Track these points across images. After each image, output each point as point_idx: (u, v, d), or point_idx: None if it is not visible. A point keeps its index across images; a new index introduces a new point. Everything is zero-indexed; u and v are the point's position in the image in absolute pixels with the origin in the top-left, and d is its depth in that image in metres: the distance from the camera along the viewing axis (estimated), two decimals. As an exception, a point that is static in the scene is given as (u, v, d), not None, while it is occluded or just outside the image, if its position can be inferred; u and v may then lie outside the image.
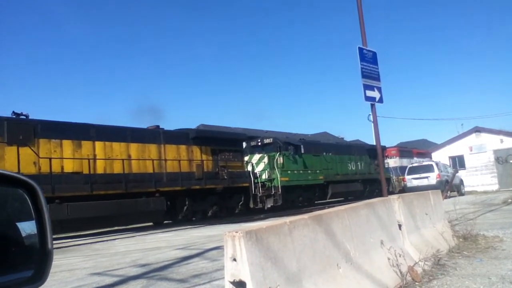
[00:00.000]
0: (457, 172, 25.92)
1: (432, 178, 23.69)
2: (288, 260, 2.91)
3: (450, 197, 20.34)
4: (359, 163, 27.65)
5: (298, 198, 22.77)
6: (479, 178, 31.53)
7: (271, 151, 21.76)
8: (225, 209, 19.32)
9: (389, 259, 4.31)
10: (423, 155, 36.50)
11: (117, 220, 15.54)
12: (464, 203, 16.77)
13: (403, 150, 35.16)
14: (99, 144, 15.04)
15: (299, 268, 2.99)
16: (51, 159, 13.55)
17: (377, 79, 9.44)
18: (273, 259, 2.76)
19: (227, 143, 19.86)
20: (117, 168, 15.32)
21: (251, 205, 20.31)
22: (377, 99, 9.36)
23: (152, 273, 6.09)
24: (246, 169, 20.66)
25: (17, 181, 1.32)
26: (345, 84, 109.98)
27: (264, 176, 20.97)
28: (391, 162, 31.63)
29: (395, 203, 5.34)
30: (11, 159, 12.68)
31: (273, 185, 20.78)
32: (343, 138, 46.27)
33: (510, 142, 30.97)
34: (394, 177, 29.98)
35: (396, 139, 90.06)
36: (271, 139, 22.89)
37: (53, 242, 1.33)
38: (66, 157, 14.05)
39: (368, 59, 9.32)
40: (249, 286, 2.52)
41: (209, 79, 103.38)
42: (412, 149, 38.19)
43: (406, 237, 5.25)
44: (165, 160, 16.96)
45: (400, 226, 5.22)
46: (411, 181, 24.62)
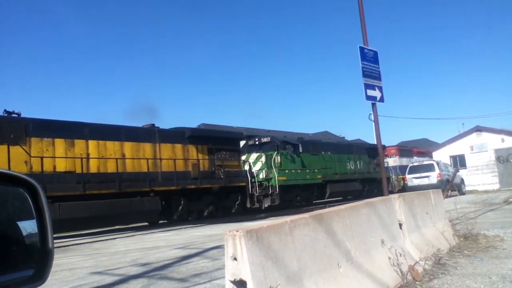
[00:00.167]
0: (458, 171, 25.91)
1: (433, 177, 23.69)
2: (288, 259, 2.91)
3: (451, 196, 20.34)
4: (358, 162, 27.47)
5: (296, 197, 22.58)
6: (480, 177, 31.51)
7: (269, 150, 21.55)
8: (221, 209, 19.14)
9: (389, 258, 4.31)
10: (423, 154, 36.43)
11: (111, 220, 15.35)
12: (465, 202, 16.76)
13: (402, 149, 35.04)
14: (92, 143, 14.85)
15: (299, 267, 2.99)
16: (43, 158, 13.35)
17: (378, 78, 9.44)
18: (273, 258, 2.76)
19: (224, 142, 19.63)
20: (111, 167, 15.11)
21: (248, 205, 20.09)
22: (378, 98, 9.36)
23: (152, 272, 6.10)
24: (243, 168, 20.40)
25: (18, 180, 1.32)
26: (346, 83, 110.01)
27: (261, 175, 20.77)
28: (391, 161, 31.60)
29: (396, 202, 5.34)
30: (1, 158, 12.44)
31: (270, 184, 20.59)
32: (344, 137, 46.26)
33: (511, 141, 30.94)
34: (393, 177, 29.94)
35: (397, 138, 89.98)
36: (269, 138, 22.66)
37: (54, 241, 1.33)
38: (58, 156, 13.84)
39: (369, 58, 9.32)
40: (250, 285, 2.52)
41: (209, 79, 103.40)
42: (412, 148, 38.07)
43: (406, 236, 5.25)
44: (160, 159, 16.78)
45: (400, 225, 5.22)
46: (412, 180, 24.62)
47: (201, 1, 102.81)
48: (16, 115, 13.54)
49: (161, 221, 17.89)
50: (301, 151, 22.69)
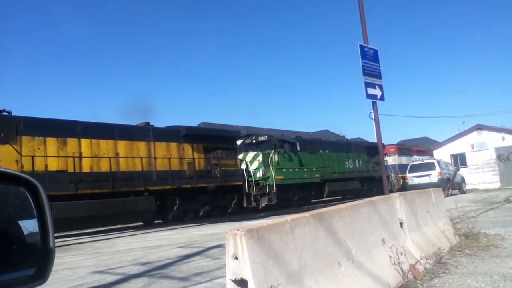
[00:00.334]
0: (459, 170, 25.92)
1: (433, 176, 23.70)
2: (289, 258, 2.91)
3: (451, 195, 20.33)
4: (356, 161, 27.28)
5: (293, 197, 22.38)
6: (481, 176, 31.50)
7: (266, 149, 21.33)
8: (217, 208, 18.91)
9: (390, 257, 4.31)
10: (422, 152, 36.30)
11: (105, 220, 15.09)
12: (465, 201, 16.76)
13: (402, 147, 34.89)
14: (85, 141, 14.62)
15: (300, 266, 2.99)
16: (34, 157, 13.13)
17: (379, 76, 9.43)
18: (274, 257, 2.76)
19: (220, 140, 19.38)
20: (104, 166, 14.86)
21: (245, 204, 19.91)
22: (378, 97, 9.35)
23: (153, 271, 6.11)
24: (240, 167, 20.16)
25: (19, 179, 1.33)
26: (346, 82, 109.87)
27: (258, 174, 20.56)
28: (390, 160, 31.52)
29: (397, 201, 5.34)
30: None
31: (267, 183, 20.40)
32: (344, 136, 46.15)
33: (511, 139, 30.92)
34: (393, 175, 29.88)
35: (397, 137, 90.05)
36: (266, 137, 22.38)
37: (55, 240, 1.33)
38: (50, 155, 13.63)
39: (369, 56, 9.31)
40: (251, 284, 2.52)
41: (209, 78, 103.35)
42: (411, 146, 37.91)
43: (407, 235, 5.25)
44: (155, 158, 16.53)
45: (401, 224, 5.22)
46: (413, 179, 24.63)
47: (201, 0, 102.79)
48: (6, 114, 13.30)
49: (156, 221, 17.65)
50: (298, 149, 22.50)
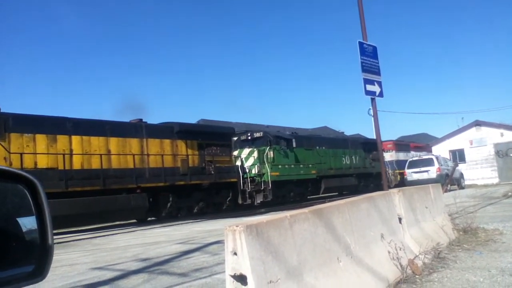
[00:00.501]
0: (457, 165, 25.97)
1: (432, 171, 23.73)
2: (288, 254, 2.92)
3: (450, 190, 20.38)
4: (353, 157, 27.14)
5: (289, 193, 22.27)
6: (479, 171, 31.57)
7: (261, 145, 21.14)
8: (212, 205, 18.77)
9: (389, 252, 4.32)
10: (420, 148, 36.24)
11: (95, 217, 14.86)
12: (464, 196, 16.80)
13: (399, 143, 34.77)
14: (75, 138, 14.42)
15: (299, 261, 3.00)
16: (23, 154, 12.95)
17: (377, 73, 9.42)
18: (273, 253, 2.76)
19: (215, 137, 19.19)
20: (95, 163, 14.67)
21: (240, 201, 19.77)
22: (377, 93, 9.35)
23: (153, 267, 6.12)
24: (235, 164, 19.97)
25: (17, 176, 1.32)
26: (345, 79, 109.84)
27: (253, 171, 20.40)
28: (387, 156, 31.45)
29: (396, 197, 5.35)
30: None
31: (263, 180, 20.25)
32: (343, 132, 46.24)
33: (510, 135, 30.98)
34: (390, 171, 29.82)
35: (396, 133, 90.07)
36: (261, 133, 22.20)
37: (54, 237, 1.33)
38: (39, 152, 13.45)
39: (368, 53, 9.30)
40: (250, 279, 2.53)
41: (208, 75, 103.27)
42: (409, 142, 37.82)
43: (406, 231, 5.27)
44: (148, 155, 16.33)
45: (400, 219, 5.23)
46: (411, 174, 24.65)
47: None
48: None
49: (150, 219, 17.43)
50: (294, 146, 22.33)
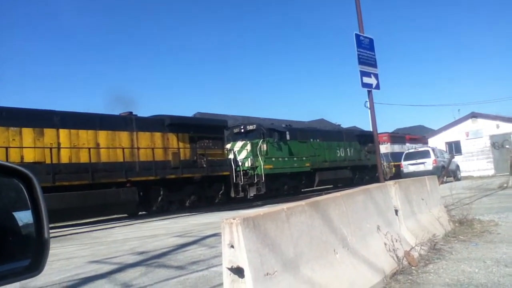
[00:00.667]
0: (453, 157, 26.03)
1: (428, 163, 23.80)
2: (285, 246, 2.93)
3: (446, 182, 20.44)
4: (348, 150, 26.95)
5: (283, 186, 22.10)
6: (475, 163, 31.66)
7: (255, 138, 20.92)
8: (204, 199, 18.61)
9: (385, 244, 4.34)
10: (416, 140, 36.21)
11: (84, 212, 14.59)
12: (460, 188, 16.85)
13: (394, 136, 34.66)
14: (63, 131, 14.17)
15: (296, 254, 3.01)
16: (8, 148, 12.71)
17: (374, 65, 9.42)
18: (270, 245, 2.78)
19: (207, 130, 18.96)
20: (84, 157, 14.45)
21: (232, 195, 19.62)
22: (374, 86, 9.35)
23: (150, 260, 6.13)
24: (227, 157, 19.76)
25: (13, 171, 1.32)
26: (342, 71, 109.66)
27: (247, 164, 20.20)
28: (383, 148, 31.37)
29: (392, 189, 5.36)
30: None
31: (256, 173, 20.08)
32: (340, 125, 46.14)
33: (506, 127, 31.03)
34: (385, 164, 29.82)
35: (392, 125, 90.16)
36: (254, 126, 21.90)
37: (50, 231, 1.33)
38: (26, 146, 13.23)
39: (365, 45, 9.29)
40: (247, 272, 2.54)
41: (205, 68, 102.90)
42: (404, 134, 37.74)
43: (402, 222, 5.29)
44: (138, 148, 16.08)
45: (396, 211, 5.26)
46: (408, 166, 24.72)
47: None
48: None
49: (141, 213, 17.24)
50: (288, 138, 22.14)
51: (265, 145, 20.75)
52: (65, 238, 10.91)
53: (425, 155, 24.56)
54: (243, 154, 20.57)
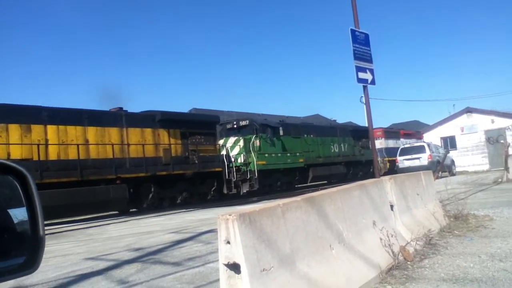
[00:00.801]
0: (449, 152, 26.08)
1: (423, 159, 23.87)
2: (281, 242, 2.93)
3: (441, 177, 20.52)
4: (342, 145, 26.90)
5: (276, 182, 21.97)
6: (470, 158, 31.80)
7: (247, 133, 20.79)
8: (196, 196, 18.44)
9: (381, 239, 4.36)
10: (410, 135, 36.20)
11: (73, 209, 14.27)
12: (455, 183, 16.94)
13: (389, 131, 34.57)
14: (51, 128, 13.92)
15: (292, 249, 3.01)
16: None
17: (370, 61, 9.40)
18: (266, 241, 2.78)
19: (199, 125, 18.72)
20: (72, 153, 14.21)
21: (225, 191, 19.47)
22: (369, 81, 9.33)
23: (146, 257, 6.13)
24: (220, 153, 19.56)
25: (6, 167, 1.31)
26: (338, 66, 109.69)
27: (239, 160, 20.07)
28: (377, 143, 31.36)
29: (387, 184, 5.37)
30: None
31: (249, 169, 19.96)
32: (335, 120, 46.21)
33: (501, 122, 31.17)
34: (379, 159, 29.84)
35: (388, 120, 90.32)
36: (247, 121, 21.73)
37: (46, 228, 1.32)
38: (13, 143, 12.96)
39: (360, 41, 9.26)
40: (243, 268, 2.54)
41: (201, 65, 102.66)
42: (399, 130, 37.70)
43: (398, 218, 5.31)
44: (128, 144, 15.86)
45: (392, 206, 5.27)
46: (403, 162, 24.78)
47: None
48: None
49: (132, 210, 17.13)
50: (281, 134, 22.06)
51: (258, 141, 20.61)
52: (61, 235, 10.89)
53: (421, 150, 24.64)
54: (236, 150, 20.41)
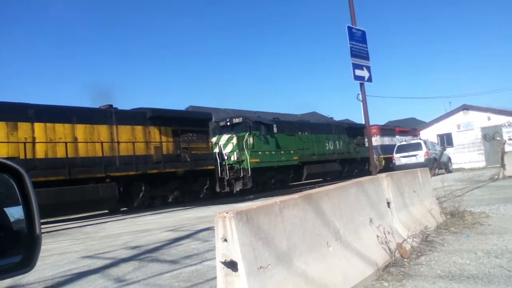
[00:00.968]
0: (445, 149, 26.19)
1: (420, 156, 23.93)
2: (278, 239, 2.94)
3: (438, 174, 20.57)
4: (337, 142, 26.75)
5: (270, 180, 21.78)
6: (467, 155, 31.88)
7: (241, 131, 20.58)
8: (188, 194, 18.26)
9: (378, 236, 4.37)
10: (406, 133, 36.17)
11: (62, 209, 13.82)
12: (451, 180, 16.99)
13: (384, 128, 34.45)
14: (38, 125, 13.64)
15: (289, 247, 3.02)
16: None
17: (366, 58, 9.41)
18: (263, 239, 2.78)
19: (191, 123, 18.48)
20: (60, 152, 13.95)
21: (218, 189, 19.30)
22: (366, 79, 9.34)
23: (143, 255, 6.12)
24: (212, 150, 19.37)
25: (3, 166, 1.31)
26: (334, 64, 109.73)
27: (232, 158, 19.88)
28: (372, 140, 31.35)
29: (384, 181, 5.38)
30: None
31: (242, 167, 19.76)
32: (332, 117, 46.26)
33: (497, 119, 31.24)
34: (375, 156, 29.76)
35: (384, 117, 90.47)
36: (241, 119, 21.57)
37: (42, 226, 1.32)
38: None
39: (357, 38, 9.26)
40: (241, 266, 2.54)
41: (198, 62, 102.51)
42: (394, 127, 37.59)
43: (394, 215, 5.32)
44: (118, 142, 15.61)
45: (388, 203, 5.28)
46: (400, 159, 24.84)
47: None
48: None
49: (123, 209, 16.90)
50: (275, 131, 21.86)
51: (251, 138, 20.41)
52: (58, 233, 10.86)
53: (417, 147, 24.70)
54: (229, 147, 20.22)
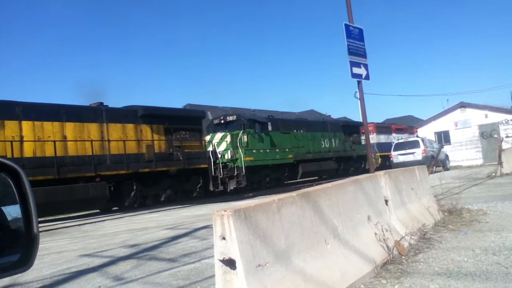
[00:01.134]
0: (443, 147, 26.21)
1: (418, 153, 23.95)
2: (276, 237, 2.94)
3: (435, 172, 20.63)
4: (333, 140, 26.53)
5: (265, 179, 21.55)
6: (464, 153, 31.95)
7: (235, 129, 20.30)
8: (181, 193, 18.06)
9: (376, 234, 4.37)
10: (402, 130, 36.10)
11: (50, 209, 13.49)
12: (449, 177, 17.04)
13: (380, 126, 34.30)
14: (26, 124, 13.37)
15: (287, 245, 3.02)
16: None
17: (364, 56, 9.41)
18: (262, 236, 2.78)
19: (184, 121, 18.19)
20: (49, 150, 13.69)
21: (211, 188, 19.10)
22: (363, 76, 9.34)
23: (141, 253, 6.12)
24: (206, 149, 19.11)
25: (0, 165, 1.30)
26: (332, 61, 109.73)
27: (226, 156, 19.62)
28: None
29: (382, 179, 5.39)
30: None
31: (236, 165, 19.48)
32: (330, 115, 46.33)
33: (494, 117, 31.32)
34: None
35: (382, 115, 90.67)
36: (235, 116, 21.30)
37: (40, 225, 1.31)
38: None
39: (354, 36, 9.26)
40: (239, 263, 2.54)
41: (195, 61, 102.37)
42: (390, 125, 37.49)
43: (392, 212, 5.33)
44: (108, 140, 15.40)
45: (386, 201, 5.29)
46: (397, 157, 24.86)
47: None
48: None
49: (114, 208, 16.79)
50: (270, 129, 21.58)
51: (245, 137, 20.18)
52: (55, 232, 10.86)
53: (415, 145, 24.72)
54: (223, 146, 19.97)
